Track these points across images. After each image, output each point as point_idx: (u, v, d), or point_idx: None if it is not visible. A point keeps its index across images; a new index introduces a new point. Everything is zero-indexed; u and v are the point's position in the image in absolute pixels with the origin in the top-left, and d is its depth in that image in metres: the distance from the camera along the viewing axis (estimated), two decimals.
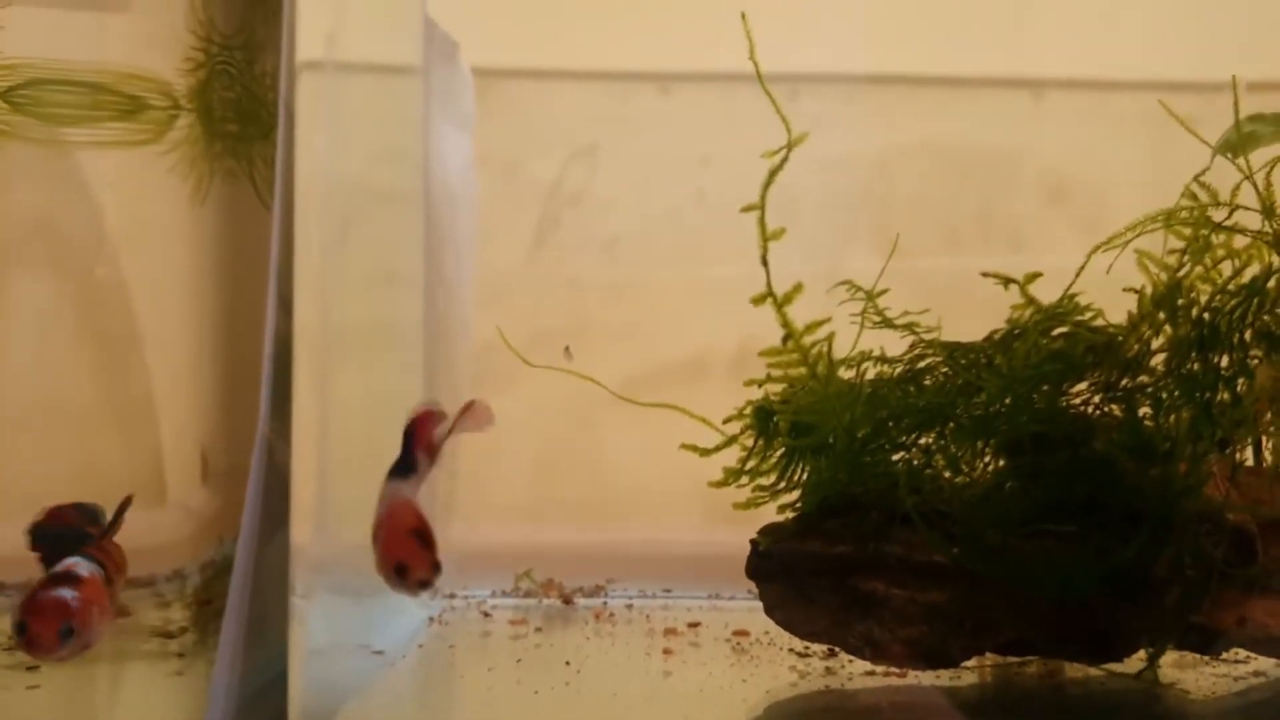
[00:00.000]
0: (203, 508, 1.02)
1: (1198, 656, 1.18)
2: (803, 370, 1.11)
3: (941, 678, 1.14)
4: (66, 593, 0.83)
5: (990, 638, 1.14)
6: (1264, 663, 1.17)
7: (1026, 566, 1.08)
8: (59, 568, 0.86)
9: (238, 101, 1.07)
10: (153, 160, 1.00)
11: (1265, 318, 1.00)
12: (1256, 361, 1.02)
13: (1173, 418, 1.03)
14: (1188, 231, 1.11)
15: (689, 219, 2.13)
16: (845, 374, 1.22)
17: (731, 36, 2.35)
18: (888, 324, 1.25)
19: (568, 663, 1.17)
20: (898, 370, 1.21)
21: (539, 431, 1.74)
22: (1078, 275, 1.12)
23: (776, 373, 1.14)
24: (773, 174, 1.13)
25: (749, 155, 2.29)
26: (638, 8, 2.06)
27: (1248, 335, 1.01)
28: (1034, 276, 1.12)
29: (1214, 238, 1.10)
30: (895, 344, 1.24)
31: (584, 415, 1.73)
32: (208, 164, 1.03)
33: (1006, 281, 1.11)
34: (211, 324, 1.05)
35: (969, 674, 1.15)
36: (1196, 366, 1.03)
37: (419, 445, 0.96)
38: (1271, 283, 1.02)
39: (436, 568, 0.88)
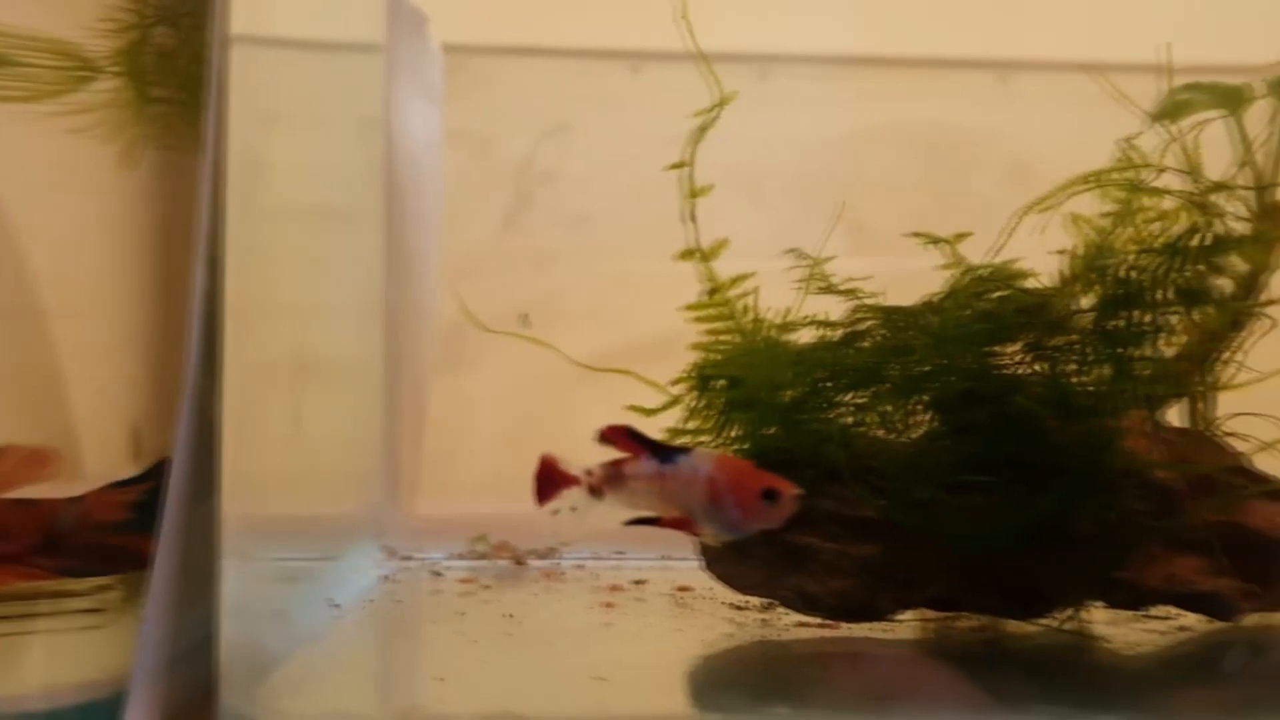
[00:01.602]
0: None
1: (1129, 613, 1.20)
2: (729, 323, 1.12)
3: (875, 630, 1.16)
4: None
5: (919, 591, 1.17)
6: (1191, 618, 1.19)
7: (951, 521, 1.10)
8: None
9: (185, 67, 1.07)
10: (49, 121, 0.98)
11: (1186, 274, 1.02)
12: (1175, 318, 1.04)
13: (1094, 374, 1.05)
14: (1119, 195, 1.13)
15: (659, 196, 2.14)
16: (788, 336, 1.24)
17: (701, 15, 2.37)
18: (831, 289, 1.28)
19: (510, 615, 1.19)
20: (839, 333, 1.23)
21: (507, 406, 1.76)
22: (1008, 237, 1.14)
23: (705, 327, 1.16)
24: (702, 130, 1.14)
25: (718, 133, 2.31)
26: None
27: (1169, 293, 1.03)
28: (963, 236, 1.14)
29: (1144, 200, 1.12)
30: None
31: (551, 390, 1.75)
32: (140, 128, 1.03)
33: (934, 240, 1.13)
34: (142, 295, 1.05)
35: (905, 630, 1.18)
36: (1120, 323, 1.05)
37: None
38: (1193, 241, 1.04)
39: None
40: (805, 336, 1.25)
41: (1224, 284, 1.06)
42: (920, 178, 1.95)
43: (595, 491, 1.04)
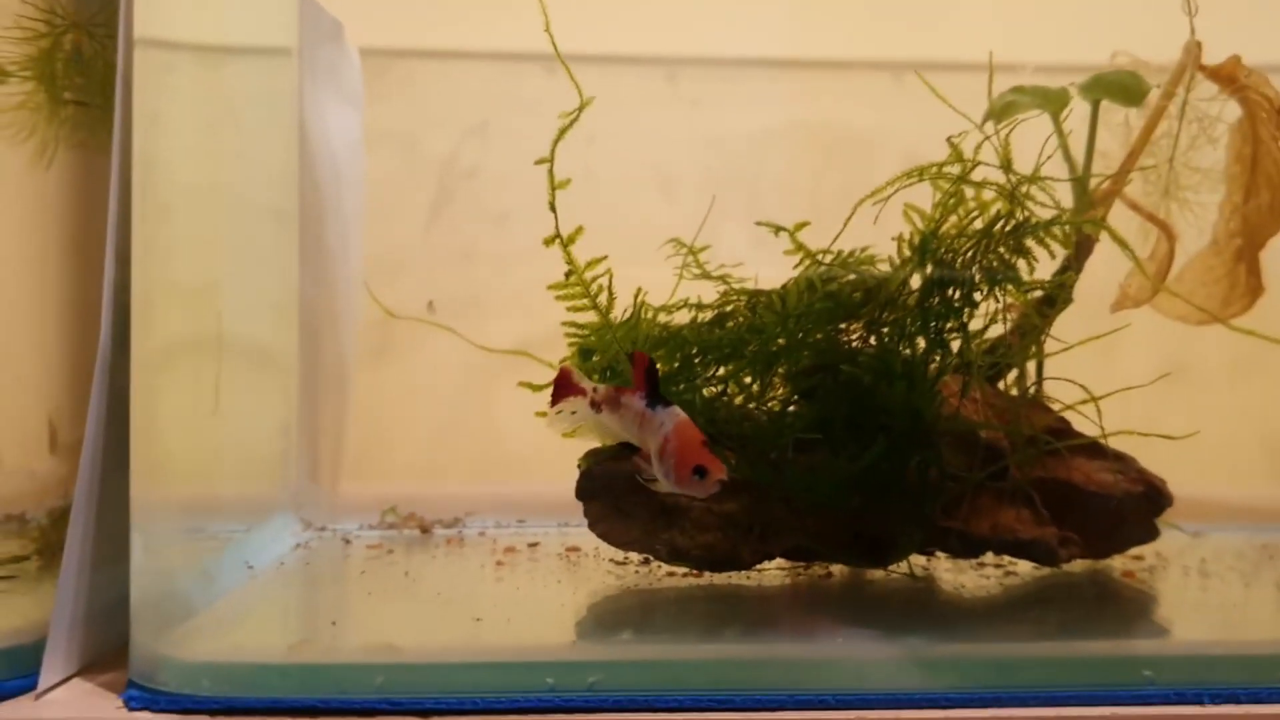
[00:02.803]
0: (50, 474, 1.12)
1: (968, 562, 1.34)
2: (585, 302, 1.25)
3: (734, 579, 1.29)
4: None
5: (776, 543, 1.30)
6: (1023, 566, 1.33)
7: (797, 477, 1.24)
8: None
9: (99, 72, 1.16)
10: None
11: (989, 256, 1.16)
12: (980, 295, 1.18)
13: (917, 344, 1.19)
14: (946, 186, 1.27)
15: (576, 194, 2.27)
16: (664, 319, 1.37)
17: (613, 20, 2.51)
18: (705, 275, 1.41)
19: (406, 573, 1.31)
20: (709, 315, 1.36)
21: (430, 394, 1.87)
22: (844, 226, 1.28)
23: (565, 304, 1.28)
24: (562, 131, 1.27)
25: (631, 132, 2.45)
26: None
27: (976, 272, 1.17)
28: (802, 225, 1.28)
29: (967, 191, 1.26)
30: None
31: (471, 379, 1.86)
32: (53, 130, 1.11)
33: (777, 229, 1.26)
34: (58, 289, 1.12)
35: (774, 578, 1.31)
36: (936, 301, 1.19)
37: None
38: (998, 227, 1.18)
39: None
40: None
41: (1025, 266, 1.19)
42: (821, 173, 2.08)
43: (595, 406, 1.17)
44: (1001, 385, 1.39)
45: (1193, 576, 1.32)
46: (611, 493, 1.32)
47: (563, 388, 1.18)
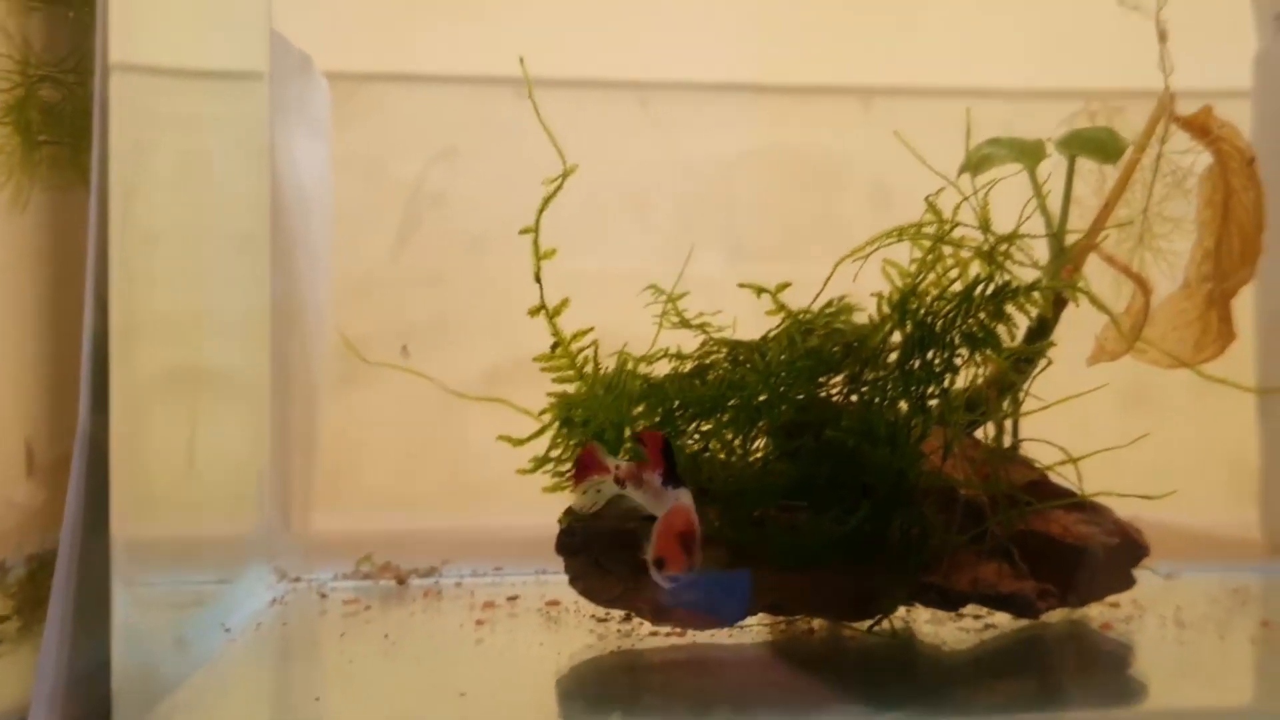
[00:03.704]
0: (28, 501, 1.11)
1: (947, 614, 1.35)
2: (571, 373, 1.25)
3: (716, 636, 1.29)
4: None
5: (759, 600, 1.30)
6: (1000, 617, 1.34)
7: (779, 536, 1.24)
8: None
9: (70, 118, 1.17)
10: None
11: (970, 321, 1.17)
12: (961, 360, 1.19)
13: (899, 406, 1.20)
14: (926, 244, 1.27)
15: (547, 219, 2.26)
16: (645, 369, 1.37)
17: (582, 44, 2.50)
18: (685, 324, 1.40)
19: (386, 636, 1.30)
20: (689, 366, 1.36)
21: (403, 424, 1.85)
22: (825, 284, 1.28)
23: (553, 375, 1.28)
24: (546, 201, 1.26)
25: (605, 156, 2.44)
26: (493, 16, 2.19)
27: (956, 337, 1.17)
28: (783, 286, 1.27)
29: (946, 250, 1.26)
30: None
31: (443, 409, 1.84)
32: (27, 173, 1.12)
33: (759, 290, 1.26)
34: (35, 323, 1.13)
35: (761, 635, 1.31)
36: (916, 363, 1.19)
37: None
38: (979, 290, 1.18)
39: (691, 567, 1.09)
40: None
41: (1006, 329, 1.20)
42: (792, 198, 2.08)
43: (619, 482, 1.19)
44: (980, 435, 1.40)
45: (1169, 627, 1.34)
46: (592, 549, 1.32)
47: (587, 466, 1.21)
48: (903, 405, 1.18)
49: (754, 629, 1.31)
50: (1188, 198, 1.42)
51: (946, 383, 1.18)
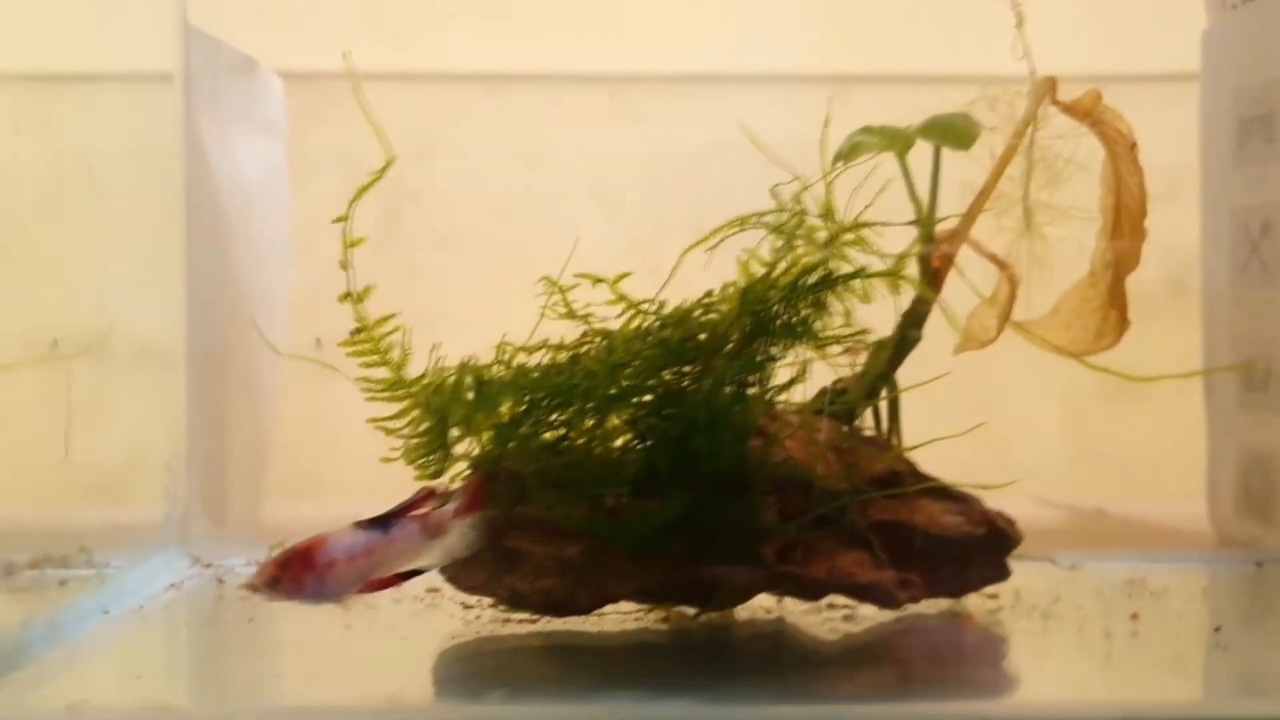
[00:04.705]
0: None
1: (812, 604, 1.35)
2: (376, 359, 1.27)
3: (572, 625, 1.31)
4: None
5: (616, 589, 1.31)
6: (866, 609, 1.33)
7: (628, 523, 1.25)
8: None
9: None
10: None
11: (788, 311, 1.17)
12: (778, 350, 1.18)
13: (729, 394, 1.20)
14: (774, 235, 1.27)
15: (516, 212, 2.31)
16: (524, 358, 1.38)
17: (555, 38, 2.53)
18: (571, 314, 1.42)
19: (251, 620, 1.34)
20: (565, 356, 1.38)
21: (360, 417, 1.89)
22: (672, 274, 1.29)
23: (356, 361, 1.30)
24: (362, 190, 1.28)
25: (572, 148, 2.46)
26: (465, 12, 2.24)
27: (779, 327, 1.17)
28: (623, 276, 1.28)
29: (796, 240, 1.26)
30: None
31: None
32: None
33: (596, 280, 1.27)
34: None
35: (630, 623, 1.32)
36: (752, 352, 1.20)
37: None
38: (803, 281, 1.18)
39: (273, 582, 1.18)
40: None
41: (828, 319, 1.19)
42: (761, 188, 2.08)
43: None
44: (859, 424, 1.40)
45: (1035, 619, 1.32)
46: None
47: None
48: (727, 392, 1.19)
49: (611, 617, 1.32)
50: (1068, 185, 1.40)
51: (766, 372, 1.18)
